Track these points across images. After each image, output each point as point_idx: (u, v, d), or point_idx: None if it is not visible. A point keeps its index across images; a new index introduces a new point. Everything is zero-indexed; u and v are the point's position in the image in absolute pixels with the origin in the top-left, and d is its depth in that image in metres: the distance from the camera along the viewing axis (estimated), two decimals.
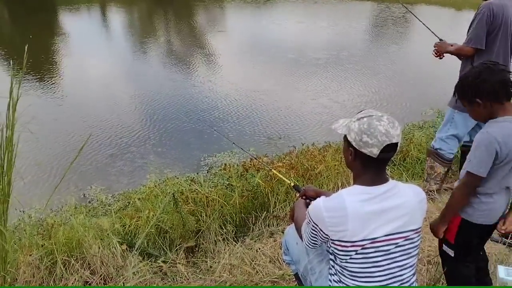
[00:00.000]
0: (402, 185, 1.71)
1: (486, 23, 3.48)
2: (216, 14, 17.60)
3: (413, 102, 7.78)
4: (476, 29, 3.52)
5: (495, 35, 3.52)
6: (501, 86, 2.01)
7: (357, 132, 1.63)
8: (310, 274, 1.98)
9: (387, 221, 1.63)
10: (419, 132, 5.63)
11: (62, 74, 9.51)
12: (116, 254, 2.97)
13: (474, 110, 2.10)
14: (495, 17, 3.47)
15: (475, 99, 2.05)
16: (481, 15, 3.49)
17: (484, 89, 2.01)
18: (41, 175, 5.25)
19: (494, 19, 3.47)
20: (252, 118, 7.01)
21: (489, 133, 2.01)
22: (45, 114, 7.02)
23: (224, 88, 8.46)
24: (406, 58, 11.19)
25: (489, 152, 1.98)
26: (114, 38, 13.28)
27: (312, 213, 1.70)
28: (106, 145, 6.05)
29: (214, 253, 3.25)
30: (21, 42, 11.94)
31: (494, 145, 1.97)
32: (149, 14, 17.68)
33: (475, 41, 3.53)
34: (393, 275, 1.68)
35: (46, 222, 3.41)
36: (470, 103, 2.09)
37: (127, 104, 7.70)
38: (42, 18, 15.30)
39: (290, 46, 11.65)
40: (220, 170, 4.77)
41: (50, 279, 2.77)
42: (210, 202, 3.77)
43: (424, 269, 2.80)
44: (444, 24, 14.29)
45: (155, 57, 11.04)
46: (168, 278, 2.95)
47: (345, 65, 10.04)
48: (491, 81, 2.01)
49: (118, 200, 4.52)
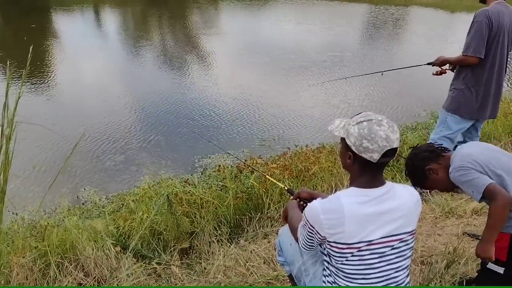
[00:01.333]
0: (398, 187, 1.72)
1: (484, 31, 3.44)
2: (210, 15, 17.61)
3: (406, 104, 7.82)
4: (475, 37, 3.47)
5: (491, 43, 3.50)
6: (431, 145, 2.37)
7: (357, 137, 1.63)
8: (304, 275, 1.98)
9: (384, 223, 1.63)
10: (412, 134, 5.66)
11: (54, 75, 9.47)
12: (110, 256, 2.96)
13: (436, 181, 2.30)
14: (493, 25, 3.45)
15: (425, 170, 2.28)
16: (479, 24, 3.45)
17: (422, 156, 2.30)
18: (34, 176, 5.22)
19: (492, 27, 3.45)
20: (246, 120, 7.01)
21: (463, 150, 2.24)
22: (37, 115, 6.99)
23: (218, 90, 8.46)
24: (399, 59, 11.24)
25: (475, 170, 2.11)
26: (108, 39, 13.25)
27: (308, 214, 1.69)
28: (99, 146, 6.02)
29: (208, 254, 3.25)
30: (13, 42, 11.90)
31: (469, 158, 2.14)
32: (143, 15, 17.64)
33: (475, 49, 3.48)
34: (388, 277, 1.68)
35: (39, 224, 3.39)
36: (428, 177, 2.29)
37: (121, 105, 7.68)
38: (35, 19, 15.22)
39: (284, 48, 11.67)
40: (214, 172, 4.77)
41: (44, 281, 2.76)
42: (204, 204, 3.77)
43: (417, 270, 2.82)
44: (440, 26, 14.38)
45: (149, 59, 11.02)
46: (162, 280, 2.94)
47: (338, 67, 10.07)
48: (421, 148, 2.37)
49: (112, 202, 4.50)
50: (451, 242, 3.03)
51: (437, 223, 3.55)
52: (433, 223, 3.55)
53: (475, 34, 3.47)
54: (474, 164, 2.10)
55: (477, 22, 3.47)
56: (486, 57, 3.53)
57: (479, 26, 3.45)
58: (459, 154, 2.19)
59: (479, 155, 2.14)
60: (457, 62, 3.69)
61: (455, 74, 3.78)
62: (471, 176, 2.08)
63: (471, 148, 2.26)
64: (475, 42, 3.48)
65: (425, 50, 11.65)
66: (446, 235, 3.29)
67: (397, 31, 14.79)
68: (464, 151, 2.21)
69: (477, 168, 2.09)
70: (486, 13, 3.45)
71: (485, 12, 3.46)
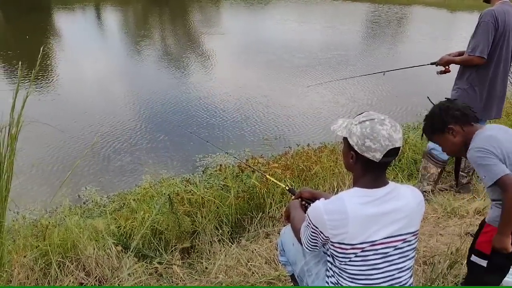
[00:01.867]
0: (401, 187, 1.71)
1: (491, 32, 3.42)
2: (212, 14, 17.60)
3: (408, 103, 7.80)
4: (482, 38, 3.45)
5: (496, 43, 3.48)
6: (468, 108, 2.18)
7: (359, 136, 1.62)
8: (306, 275, 1.97)
9: (387, 224, 1.62)
10: (414, 133, 5.64)
11: (56, 74, 9.46)
12: (111, 256, 2.96)
13: (448, 140, 2.19)
14: (499, 25, 3.43)
15: (447, 126, 2.16)
16: (485, 24, 3.43)
17: (453, 114, 2.16)
18: (36, 176, 5.22)
19: (498, 27, 3.43)
20: (247, 119, 7.00)
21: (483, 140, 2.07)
22: (39, 114, 6.98)
23: (221, 89, 8.45)
24: (404, 58, 11.22)
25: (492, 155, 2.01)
26: (110, 38, 13.24)
27: (312, 215, 1.68)
28: (100, 145, 6.01)
29: (209, 254, 3.24)
30: (15, 42, 11.90)
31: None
32: (144, 14, 17.63)
33: (481, 50, 3.46)
34: (392, 278, 1.67)
35: (40, 223, 3.38)
36: (443, 133, 2.19)
37: (123, 104, 7.68)
38: (37, 18, 15.22)
39: (287, 46, 11.65)
40: (215, 171, 4.75)
41: (45, 281, 2.75)
42: (205, 203, 3.76)
43: (420, 270, 2.80)
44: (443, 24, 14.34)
45: (152, 58, 11.01)
46: (164, 280, 2.93)
47: (343, 65, 10.05)
48: (458, 106, 2.18)
49: (113, 201, 4.49)
50: (453, 242, 3.02)
51: (439, 223, 3.53)
52: (435, 223, 3.54)
53: (481, 34, 3.45)
54: (497, 150, 2.01)
55: (483, 22, 3.44)
56: (491, 57, 3.51)
57: (485, 26, 3.43)
58: (485, 135, 2.09)
59: (504, 142, 2.04)
60: (462, 62, 3.66)
61: (459, 74, 3.76)
62: (489, 161, 2.00)
63: (498, 132, 2.12)
64: (481, 42, 3.45)
65: (430, 49, 11.61)
66: (449, 235, 3.27)
67: (401, 30, 14.77)
68: (489, 133, 2.09)
69: (498, 154, 2.00)
70: (492, 13, 3.43)
71: (492, 12, 3.43)
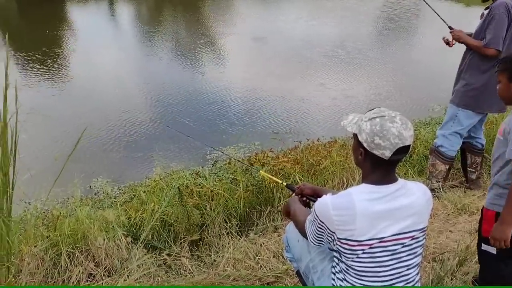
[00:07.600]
0: (410, 184, 1.69)
1: (505, 23, 3.39)
2: (226, 8, 17.54)
3: (420, 98, 7.71)
4: (496, 30, 3.41)
5: (507, 35, 3.45)
6: None
7: (369, 133, 1.61)
8: (312, 272, 1.96)
9: (395, 220, 1.61)
10: (426, 129, 5.58)
11: (69, 65, 9.52)
12: (120, 247, 2.98)
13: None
14: (510, 17, 3.40)
15: None
16: (499, 16, 3.39)
17: None
18: (49, 166, 5.26)
19: (511, 19, 3.40)
20: (258, 112, 6.98)
21: None
22: (53, 105, 7.05)
23: (231, 83, 8.42)
24: (414, 53, 11.09)
25: None
26: (123, 30, 13.27)
27: (318, 210, 1.67)
28: (112, 137, 6.05)
29: (218, 247, 3.25)
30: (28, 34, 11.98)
31: None
32: (157, 7, 17.64)
33: (497, 42, 3.42)
34: (399, 275, 1.66)
35: (51, 214, 3.42)
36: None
37: (135, 96, 7.70)
38: (50, 10, 15.30)
39: (300, 40, 11.57)
40: (225, 164, 4.76)
41: (55, 271, 2.79)
42: (214, 196, 3.77)
43: (428, 267, 2.79)
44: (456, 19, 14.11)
45: (164, 50, 11.01)
46: (172, 271, 2.95)
47: (353, 59, 9.96)
48: None
49: (124, 193, 4.52)
50: (463, 239, 3.00)
51: (449, 220, 3.50)
52: (445, 220, 3.50)
53: (498, 27, 3.41)
54: None
55: (497, 14, 3.40)
56: (502, 48, 3.48)
57: (501, 18, 3.39)
58: None
59: None
60: (475, 48, 3.60)
61: (466, 68, 3.71)
62: None
63: None
64: (499, 35, 3.42)
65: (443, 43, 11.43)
66: (458, 232, 3.25)
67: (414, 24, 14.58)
68: None
69: None
70: (505, 5, 3.40)
71: (504, 4, 3.40)
